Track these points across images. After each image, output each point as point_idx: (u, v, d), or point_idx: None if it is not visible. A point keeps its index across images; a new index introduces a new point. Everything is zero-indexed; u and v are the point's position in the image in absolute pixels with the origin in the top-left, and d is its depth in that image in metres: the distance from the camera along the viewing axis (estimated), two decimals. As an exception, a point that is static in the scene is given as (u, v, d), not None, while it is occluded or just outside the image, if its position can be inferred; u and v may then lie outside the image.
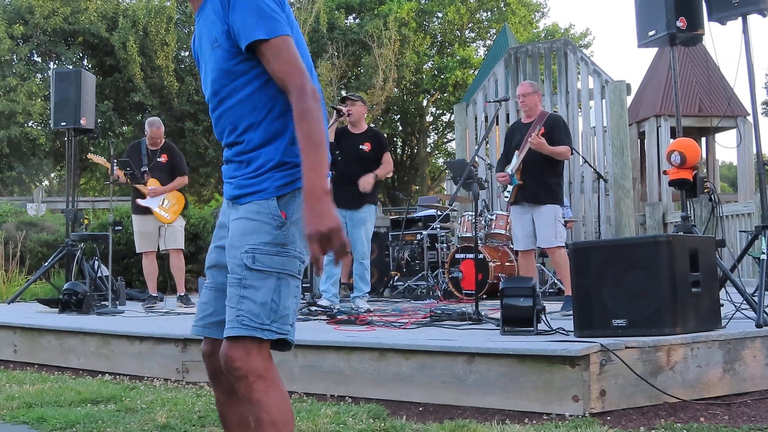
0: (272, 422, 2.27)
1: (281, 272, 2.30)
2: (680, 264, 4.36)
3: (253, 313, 2.27)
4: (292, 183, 2.34)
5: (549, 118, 6.90)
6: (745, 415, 3.96)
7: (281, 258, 2.30)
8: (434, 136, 34.23)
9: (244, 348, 2.28)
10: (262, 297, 2.28)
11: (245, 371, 2.28)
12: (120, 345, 5.76)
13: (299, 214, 2.30)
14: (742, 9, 5.61)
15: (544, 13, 34.41)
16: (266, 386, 2.30)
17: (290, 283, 2.31)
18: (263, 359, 2.30)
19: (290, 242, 2.32)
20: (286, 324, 2.31)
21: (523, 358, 4.08)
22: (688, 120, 13.73)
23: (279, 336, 2.30)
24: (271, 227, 2.32)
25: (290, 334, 2.33)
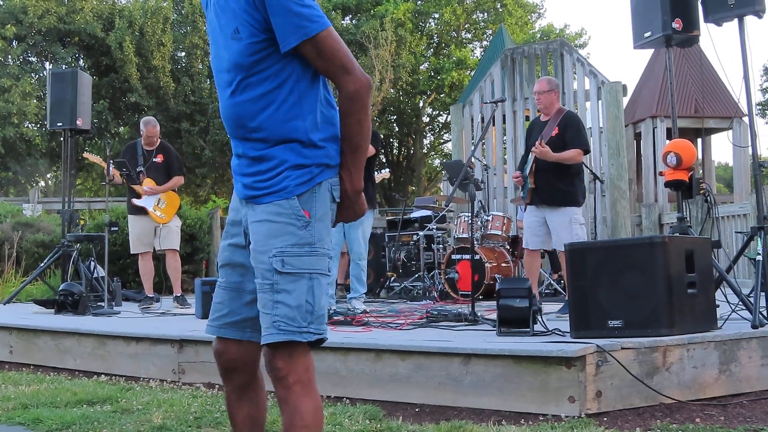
0: (304, 426, 2.28)
1: (312, 272, 2.28)
2: (676, 265, 4.37)
3: (289, 317, 2.25)
4: (311, 180, 2.31)
5: (564, 117, 6.76)
6: (741, 415, 3.96)
7: (310, 258, 2.28)
8: (431, 137, 34.24)
9: (287, 352, 2.28)
10: (296, 300, 2.25)
11: (286, 373, 2.29)
12: (116, 346, 5.75)
13: (323, 210, 2.31)
14: (738, 10, 5.62)
15: (540, 14, 34.42)
16: (304, 391, 2.31)
17: (322, 282, 2.30)
18: (305, 363, 2.31)
19: (317, 240, 2.29)
20: (322, 323, 2.30)
21: (520, 359, 4.08)
22: (683, 121, 13.75)
23: (318, 336, 2.28)
24: (295, 228, 2.28)
25: (325, 333, 2.32)
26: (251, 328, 2.42)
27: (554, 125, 6.70)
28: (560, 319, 5.90)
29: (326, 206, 2.32)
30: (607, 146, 10.99)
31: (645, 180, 14.47)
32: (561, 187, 6.62)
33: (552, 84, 6.89)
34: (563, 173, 6.63)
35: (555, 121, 6.73)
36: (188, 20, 25.91)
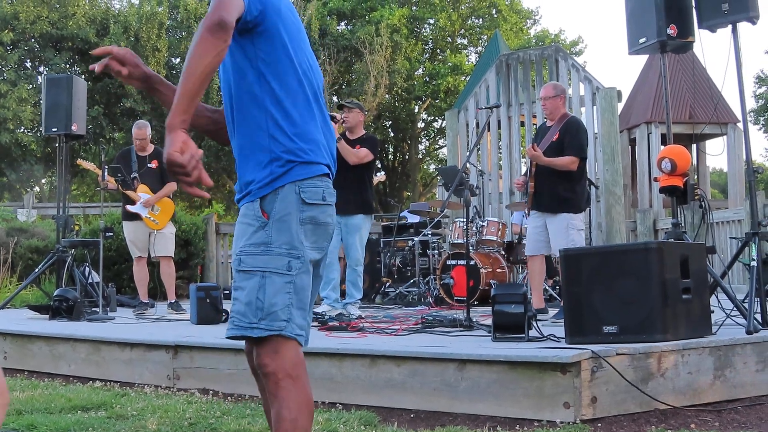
0: (292, 419, 2.34)
1: (265, 270, 2.34)
2: (671, 271, 4.38)
3: (240, 313, 2.35)
4: (272, 182, 2.38)
5: (565, 123, 6.76)
6: (736, 421, 3.97)
7: (265, 257, 2.34)
8: (426, 143, 34.28)
9: (273, 348, 2.35)
10: (246, 297, 2.35)
11: (274, 369, 2.36)
12: (111, 351, 5.74)
13: (285, 211, 2.36)
14: (732, 17, 5.64)
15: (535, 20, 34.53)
16: (293, 385, 2.37)
17: (276, 280, 2.34)
18: (291, 358, 2.38)
19: (274, 240, 2.35)
20: (276, 320, 2.33)
21: (515, 365, 4.08)
22: (678, 127, 13.79)
23: (269, 333, 2.33)
24: (254, 228, 2.38)
25: (286, 329, 2.35)
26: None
27: (556, 130, 6.72)
28: (555, 324, 5.90)
29: (288, 208, 2.36)
30: (602, 152, 11.02)
31: (640, 185, 14.51)
32: (560, 192, 6.63)
33: (558, 89, 6.90)
34: (563, 179, 6.63)
35: (557, 126, 6.75)
36: (183, 26, 25.90)
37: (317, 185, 2.43)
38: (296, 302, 2.38)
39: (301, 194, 2.39)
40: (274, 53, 2.42)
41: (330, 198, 2.48)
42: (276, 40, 2.41)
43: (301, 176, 2.40)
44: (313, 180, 2.42)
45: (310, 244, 2.41)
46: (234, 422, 4.09)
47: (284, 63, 2.43)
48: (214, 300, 6.87)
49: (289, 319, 2.36)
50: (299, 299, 2.38)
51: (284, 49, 2.43)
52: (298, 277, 2.37)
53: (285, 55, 2.43)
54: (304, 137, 2.43)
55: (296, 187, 2.39)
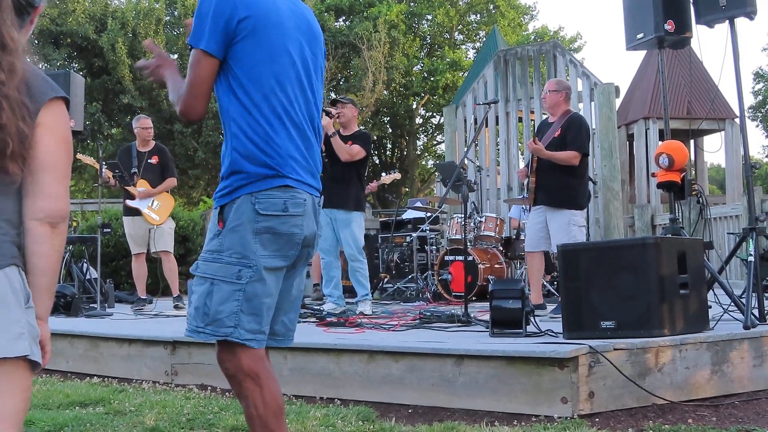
0: (260, 416, 2.44)
1: (214, 278, 2.43)
2: (668, 266, 4.38)
3: (191, 316, 2.47)
4: (230, 193, 2.46)
5: (567, 119, 6.75)
6: (733, 416, 3.97)
7: (215, 264, 2.44)
8: (424, 139, 34.27)
9: (231, 351, 2.45)
10: (195, 301, 2.46)
11: (234, 370, 2.47)
12: (109, 347, 5.74)
13: (238, 221, 2.43)
14: (730, 12, 5.63)
15: (533, 15, 34.50)
16: (254, 384, 2.45)
17: (223, 288, 2.42)
18: (249, 359, 2.45)
19: (225, 249, 2.43)
20: (221, 327, 2.42)
21: (512, 360, 4.09)
22: (676, 122, 13.79)
23: (216, 338, 2.44)
24: (211, 235, 2.49)
25: (232, 335, 2.43)
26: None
27: (558, 127, 6.71)
28: (553, 320, 5.91)
29: (242, 218, 2.43)
30: (599, 147, 11.02)
31: (638, 181, 14.51)
32: (561, 188, 6.61)
33: (561, 85, 6.87)
34: (564, 174, 6.60)
35: (559, 122, 6.74)
36: (181, 22, 25.86)
37: (275, 196, 2.46)
38: (246, 309, 2.43)
39: (255, 205, 2.44)
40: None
41: (294, 208, 2.49)
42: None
43: (258, 188, 2.45)
44: (271, 191, 2.46)
45: (269, 253, 2.45)
46: (232, 418, 4.09)
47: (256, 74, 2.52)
48: (212, 296, 6.86)
49: (237, 325, 2.42)
50: (251, 306, 2.43)
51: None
52: (249, 285, 2.42)
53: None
54: (271, 150, 2.50)
55: (252, 197, 2.44)
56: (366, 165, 7.50)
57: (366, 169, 7.54)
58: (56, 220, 1.99)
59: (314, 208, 2.59)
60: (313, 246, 2.63)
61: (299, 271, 2.66)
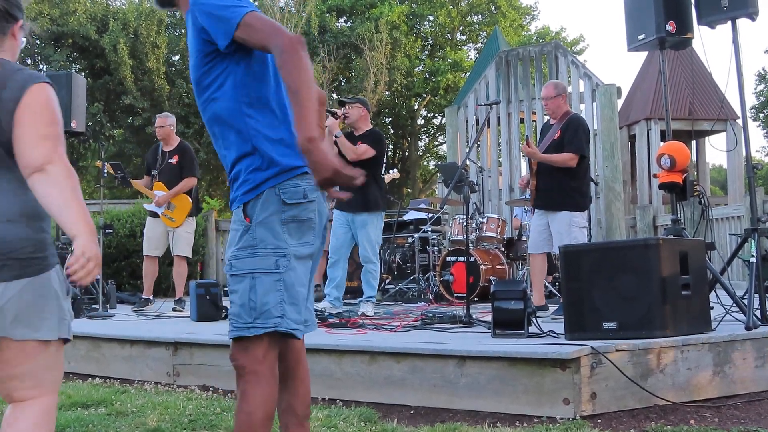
0: (248, 413, 2.46)
1: (254, 272, 2.45)
2: (670, 267, 4.38)
3: (237, 315, 2.47)
4: (253, 189, 2.49)
5: (566, 121, 6.73)
6: (735, 417, 3.97)
7: (252, 259, 2.46)
8: (425, 139, 34.28)
9: (243, 345, 2.48)
10: (240, 299, 2.47)
11: (242, 364, 2.49)
12: (111, 348, 5.74)
13: (266, 213, 2.46)
14: (731, 13, 5.63)
15: (534, 16, 34.52)
16: (256, 380, 2.47)
17: (265, 279, 2.44)
18: (260, 355, 2.47)
19: (259, 242, 2.46)
20: (270, 318, 2.43)
21: (514, 361, 4.09)
22: (678, 123, 13.77)
23: (265, 330, 2.43)
24: (239, 233, 2.51)
25: (281, 325, 2.45)
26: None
27: (557, 129, 6.70)
28: (555, 321, 5.91)
29: (269, 210, 2.47)
30: (601, 148, 11.01)
31: (639, 182, 14.49)
32: (561, 190, 6.60)
33: (559, 89, 6.84)
34: (564, 176, 6.59)
35: (559, 124, 6.73)
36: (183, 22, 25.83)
37: (297, 185, 2.51)
38: (288, 298, 2.46)
39: (281, 196, 2.48)
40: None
41: (312, 194, 2.54)
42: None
43: (280, 180, 2.50)
44: (293, 180, 2.51)
45: (296, 242, 2.50)
46: (233, 419, 4.08)
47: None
48: (213, 297, 6.88)
49: (283, 315, 2.45)
50: (290, 295, 2.46)
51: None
52: (286, 275, 2.46)
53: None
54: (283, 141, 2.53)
55: (277, 189, 2.49)
56: (380, 164, 7.43)
57: (381, 168, 7.48)
58: (38, 167, 2.18)
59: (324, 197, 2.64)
60: (326, 228, 2.67)
61: (319, 255, 2.68)
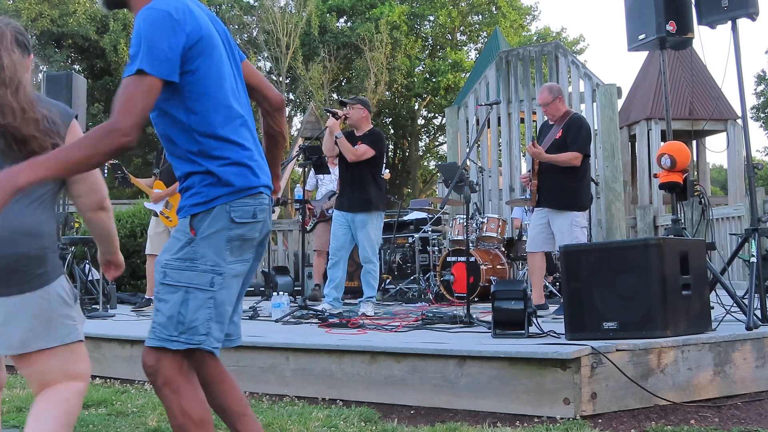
0: (178, 426, 2.47)
1: (189, 286, 2.42)
2: (671, 267, 4.38)
3: (162, 325, 2.44)
4: (205, 203, 2.45)
5: (568, 120, 6.71)
6: (735, 417, 3.97)
7: (189, 273, 2.42)
8: (426, 140, 34.28)
9: (154, 355, 2.46)
10: (169, 310, 2.43)
11: (154, 374, 2.46)
12: (111, 348, 5.74)
13: (211, 230, 2.44)
14: (732, 13, 5.63)
15: (534, 16, 34.51)
16: (172, 392, 2.45)
17: (198, 296, 2.42)
18: (172, 367, 2.45)
19: (200, 257, 2.43)
20: (195, 335, 2.42)
21: (515, 361, 4.09)
22: (678, 123, 13.77)
23: (188, 346, 2.42)
24: (181, 243, 2.46)
25: (204, 343, 2.44)
26: None
27: (559, 128, 6.70)
28: (555, 321, 5.91)
29: (217, 226, 2.44)
30: (602, 148, 11.01)
31: (640, 182, 14.49)
32: (563, 189, 6.59)
33: (553, 92, 6.79)
34: (565, 176, 6.58)
35: (560, 124, 6.72)
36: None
37: (248, 204, 2.50)
38: (215, 316, 2.46)
39: (231, 214, 2.46)
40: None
41: (261, 214, 2.53)
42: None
43: (234, 197, 2.47)
44: (245, 199, 2.49)
45: (235, 259, 2.49)
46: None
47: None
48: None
49: (208, 333, 2.45)
50: (218, 314, 2.46)
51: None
52: (218, 293, 2.45)
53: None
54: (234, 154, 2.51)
55: (228, 206, 2.46)
56: (380, 164, 7.43)
57: (381, 168, 7.48)
58: (102, 204, 2.76)
59: (271, 209, 2.64)
60: (265, 244, 2.65)
61: (252, 269, 2.67)
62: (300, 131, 17.16)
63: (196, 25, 2.42)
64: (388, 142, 31.85)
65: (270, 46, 27.07)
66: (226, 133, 2.48)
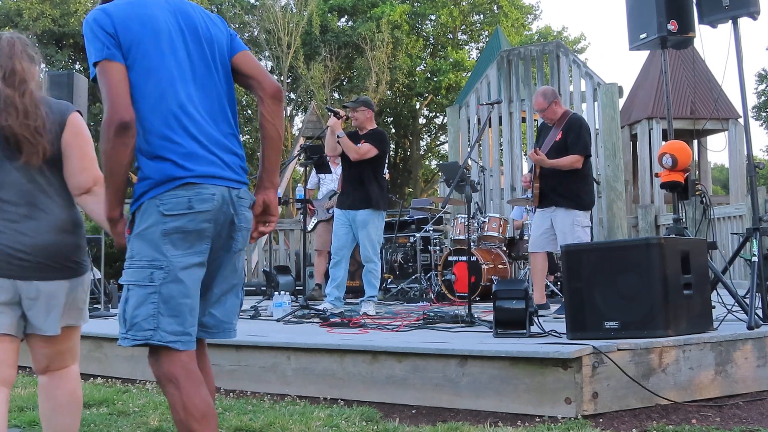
0: (179, 421, 2.49)
1: (129, 284, 2.50)
2: (672, 266, 4.38)
3: (119, 324, 2.53)
4: (137, 200, 2.51)
5: (567, 122, 6.68)
6: (737, 416, 3.97)
7: (129, 270, 2.51)
8: (427, 139, 34.29)
9: (154, 356, 2.53)
10: (119, 309, 2.55)
11: (156, 374, 2.54)
12: (112, 348, 5.74)
13: (144, 225, 2.49)
14: (733, 12, 5.63)
15: (536, 15, 34.50)
16: (173, 387, 2.49)
17: (138, 292, 2.47)
18: (169, 362, 2.50)
19: (135, 254, 2.50)
20: (140, 330, 2.47)
21: (516, 361, 4.09)
22: (679, 122, 13.77)
23: (136, 342, 2.48)
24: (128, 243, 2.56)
25: (153, 338, 2.47)
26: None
27: (558, 130, 6.68)
28: (557, 320, 5.91)
29: (147, 222, 2.48)
30: (603, 148, 11.01)
31: (641, 181, 14.50)
32: (565, 190, 6.59)
33: (548, 97, 6.72)
34: (567, 177, 6.57)
35: (559, 126, 6.70)
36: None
37: (179, 195, 2.49)
38: (165, 311, 2.47)
39: (160, 207, 2.48)
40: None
41: (201, 205, 2.51)
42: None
43: (160, 191, 2.49)
44: (175, 191, 2.49)
45: (182, 252, 2.49)
46: (236, 418, 4.09)
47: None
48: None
49: (156, 327, 2.47)
50: (169, 308, 2.47)
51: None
52: (163, 287, 2.46)
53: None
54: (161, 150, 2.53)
55: (157, 200, 2.49)
56: (382, 163, 7.42)
57: (383, 167, 7.48)
58: (87, 188, 2.85)
59: (230, 199, 2.59)
60: (234, 234, 2.64)
61: (227, 261, 2.67)
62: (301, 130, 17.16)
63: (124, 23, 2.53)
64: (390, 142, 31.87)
65: (271, 45, 27.09)
66: (154, 126, 2.50)
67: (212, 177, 2.55)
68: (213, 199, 2.53)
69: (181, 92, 2.56)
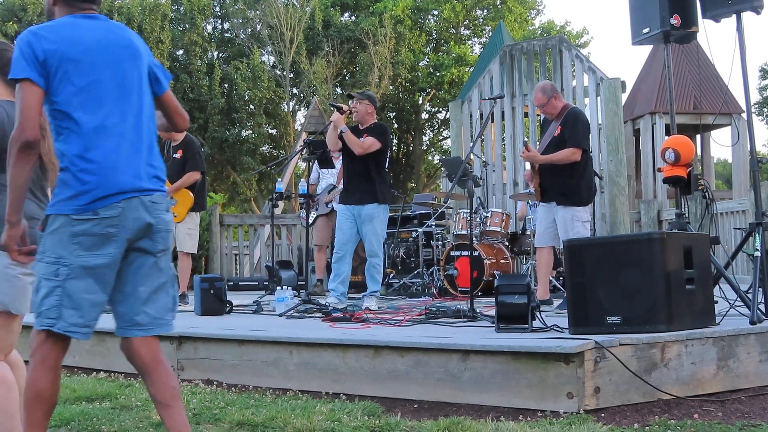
0: (24, 395, 2.81)
1: (40, 276, 2.79)
2: (674, 261, 4.37)
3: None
4: (53, 205, 2.79)
5: (565, 116, 6.67)
6: (739, 411, 3.97)
7: (40, 264, 2.79)
8: (430, 134, 34.26)
9: (35, 336, 2.84)
10: (32, 298, 2.85)
11: (31, 354, 2.84)
12: (115, 343, 5.70)
13: (55, 226, 2.76)
14: (736, 6, 5.62)
15: (539, 10, 34.44)
16: (33, 364, 2.83)
17: (46, 284, 2.76)
18: (34, 346, 2.82)
19: (46, 250, 2.77)
20: (45, 318, 2.77)
21: (518, 355, 4.09)
22: (682, 117, 13.75)
23: (42, 327, 2.78)
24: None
25: (55, 326, 2.77)
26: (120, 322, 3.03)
27: (557, 125, 6.68)
28: (559, 315, 5.90)
29: (59, 222, 2.75)
30: (606, 142, 11.00)
31: (644, 176, 14.48)
32: (564, 185, 6.58)
33: (547, 92, 6.73)
34: (566, 172, 6.56)
35: (558, 120, 6.70)
36: (186, 17, 25.90)
37: (77, 206, 2.76)
38: (68, 303, 2.76)
39: (69, 214, 2.75)
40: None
41: (106, 212, 2.76)
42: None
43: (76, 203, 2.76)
44: (76, 200, 2.76)
45: (87, 253, 2.75)
46: (238, 413, 4.10)
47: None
48: (218, 291, 6.88)
49: (59, 317, 2.76)
50: (72, 301, 2.76)
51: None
52: (67, 282, 2.75)
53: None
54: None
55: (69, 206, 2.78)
56: (384, 157, 7.41)
57: (386, 161, 7.48)
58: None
59: (142, 206, 2.84)
60: (153, 237, 2.90)
61: (148, 262, 2.92)
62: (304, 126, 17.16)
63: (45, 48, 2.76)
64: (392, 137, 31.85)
65: (274, 40, 27.08)
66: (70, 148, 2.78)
67: (125, 192, 2.81)
68: (118, 207, 2.78)
69: (104, 109, 2.81)
